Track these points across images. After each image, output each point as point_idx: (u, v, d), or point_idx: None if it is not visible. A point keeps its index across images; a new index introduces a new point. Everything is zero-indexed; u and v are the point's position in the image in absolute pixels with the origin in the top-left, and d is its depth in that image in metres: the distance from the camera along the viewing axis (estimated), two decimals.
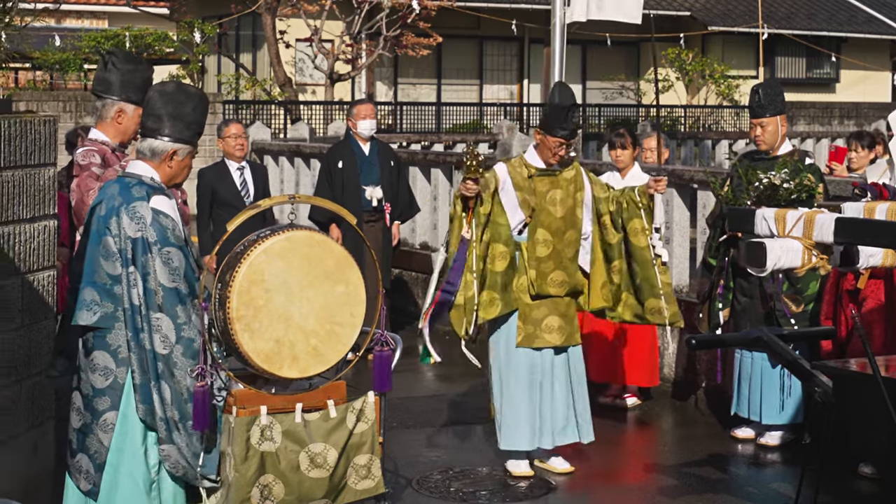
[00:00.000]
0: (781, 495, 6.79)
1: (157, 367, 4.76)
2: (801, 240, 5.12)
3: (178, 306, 4.77)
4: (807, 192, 6.81)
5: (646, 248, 6.74)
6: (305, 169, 14.17)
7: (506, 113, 26.94)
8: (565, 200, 6.83)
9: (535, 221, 6.79)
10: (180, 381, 4.76)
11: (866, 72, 31.86)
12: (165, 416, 4.78)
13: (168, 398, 4.77)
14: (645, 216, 6.72)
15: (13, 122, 5.70)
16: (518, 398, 6.87)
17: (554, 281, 6.80)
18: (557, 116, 6.75)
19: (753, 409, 7.66)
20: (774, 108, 7.50)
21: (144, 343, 4.77)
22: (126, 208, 4.82)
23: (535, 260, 6.78)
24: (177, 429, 4.79)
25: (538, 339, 6.83)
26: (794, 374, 5.44)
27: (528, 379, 6.87)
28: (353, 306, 5.06)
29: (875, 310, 6.98)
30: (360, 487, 5.21)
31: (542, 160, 6.84)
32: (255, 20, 26.76)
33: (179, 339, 4.76)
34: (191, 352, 4.78)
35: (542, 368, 6.89)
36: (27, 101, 18.24)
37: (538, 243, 6.78)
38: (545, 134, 6.77)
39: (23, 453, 5.86)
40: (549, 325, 6.83)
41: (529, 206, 6.77)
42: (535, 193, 6.79)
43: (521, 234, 6.80)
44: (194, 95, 5.04)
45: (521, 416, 6.86)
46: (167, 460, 4.83)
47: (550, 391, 6.91)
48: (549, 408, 6.90)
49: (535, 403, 6.88)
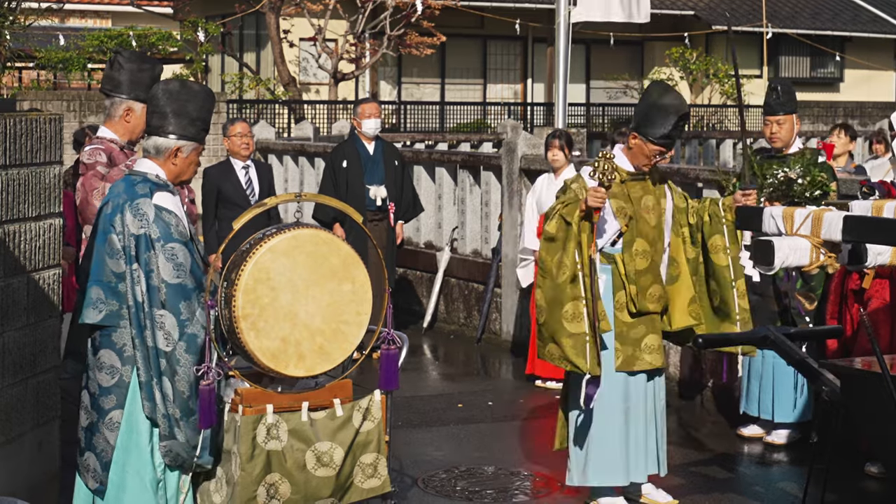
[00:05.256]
0: (788, 494, 6.78)
1: (160, 364, 4.75)
2: (809, 238, 5.10)
3: (182, 302, 4.75)
4: (820, 188, 6.79)
5: (726, 268, 6.14)
6: (310, 168, 14.16)
7: (509, 112, 26.96)
8: (656, 207, 6.23)
9: (631, 231, 6.15)
10: (182, 378, 4.75)
11: (870, 71, 31.84)
12: (167, 413, 4.77)
13: (170, 395, 4.76)
14: (727, 232, 6.15)
15: (18, 121, 5.69)
16: (611, 429, 6.23)
17: (652, 296, 6.16)
18: (662, 121, 6.05)
19: (764, 408, 7.66)
20: (790, 106, 7.56)
21: (147, 340, 4.76)
22: (130, 205, 4.81)
23: (635, 273, 6.13)
24: (178, 425, 4.78)
25: (639, 362, 6.18)
26: (802, 373, 5.42)
27: (622, 407, 6.24)
28: (359, 304, 5.04)
29: (880, 309, 6.96)
30: (367, 486, 5.19)
31: (633, 164, 6.21)
32: (259, 19, 26.78)
33: (182, 335, 4.75)
34: (194, 348, 4.76)
35: (635, 394, 6.27)
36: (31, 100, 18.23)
37: (637, 255, 6.15)
38: (645, 139, 6.11)
39: (28, 452, 5.85)
40: (650, 346, 6.18)
41: (626, 214, 6.14)
42: (630, 200, 6.18)
43: (614, 246, 6.19)
44: (199, 92, 5.02)
45: (616, 449, 6.24)
46: (168, 455, 4.82)
47: (643, 418, 6.30)
48: (643, 436, 6.30)
49: (627, 433, 6.26)
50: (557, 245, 5.99)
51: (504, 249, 10.81)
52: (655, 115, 6.07)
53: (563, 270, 5.96)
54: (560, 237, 5.99)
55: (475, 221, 11.69)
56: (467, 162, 11.92)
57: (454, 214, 11.98)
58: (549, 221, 6.06)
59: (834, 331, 6.61)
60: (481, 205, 11.59)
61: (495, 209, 11.25)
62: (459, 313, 11.59)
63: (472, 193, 11.72)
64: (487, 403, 8.77)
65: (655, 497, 6.49)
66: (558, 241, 5.99)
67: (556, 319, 5.99)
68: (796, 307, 7.38)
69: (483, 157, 12.45)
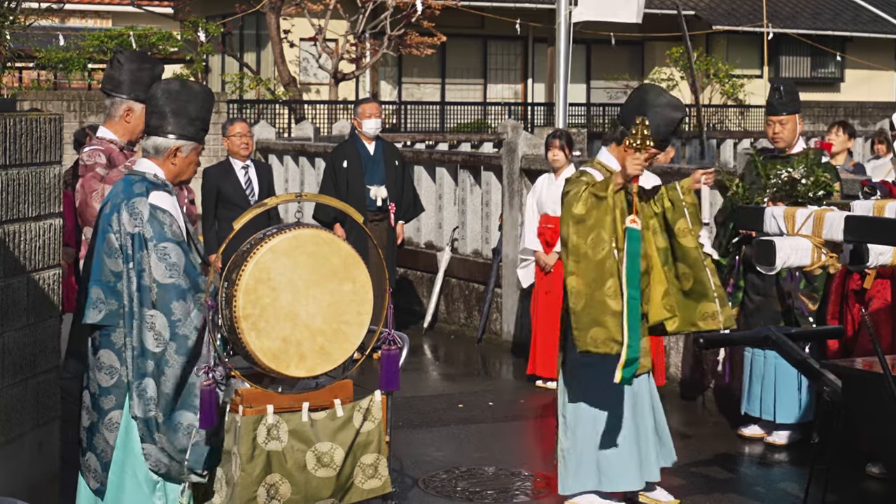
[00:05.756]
0: (789, 495, 6.77)
1: (147, 366, 4.73)
2: (811, 238, 5.09)
3: (175, 302, 4.73)
4: (824, 188, 6.80)
5: (695, 248, 6.10)
6: (310, 168, 14.15)
7: (510, 112, 26.95)
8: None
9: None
10: (169, 380, 4.71)
11: (871, 71, 31.83)
12: (145, 416, 4.75)
13: (153, 396, 4.73)
14: (689, 215, 6.12)
15: (19, 121, 5.68)
16: (624, 433, 6.22)
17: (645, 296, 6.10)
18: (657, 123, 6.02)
19: (766, 408, 7.65)
20: (793, 106, 7.55)
21: (134, 340, 4.74)
22: (126, 204, 4.81)
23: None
24: (157, 428, 4.75)
25: (641, 366, 6.07)
26: (803, 373, 5.42)
27: (631, 412, 6.24)
28: (360, 305, 5.03)
29: (881, 310, 6.96)
30: (367, 487, 5.18)
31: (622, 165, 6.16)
32: (259, 19, 26.77)
33: (174, 336, 4.73)
34: (184, 349, 4.74)
35: (640, 396, 6.27)
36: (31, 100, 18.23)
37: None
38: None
39: (28, 452, 5.84)
40: (645, 349, 6.13)
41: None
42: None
43: None
44: (198, 92, 5.02)
45: (630, 453, 6.23)
46: (148, 459, 4.79)
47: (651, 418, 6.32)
48: (652, 437, 6.32)
49: (636, 436, 6.26)
50: (590, 224, 5.91)
51: (505, 249, 10.81)
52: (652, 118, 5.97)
53: (601, 246, 5.89)
54: (592, 215, 5.92)
55: (476, 221, 11.68)
56: (468, 162, 11.91)
57: (455, 214, 11.97)
58: (576, 204, 5.96)
59: (835, 331, 6.61)
60: (482, 205, 11.58)
61: (496, 209, 11.25)
62: (460, 313, 11.59)
63: (472, 193, 11.72)
64: (488, 404, 8.76)
65: (657, 496, 6.47)
66: (590, 220, 5.91)
67: (598, 300, 5.89)
68: (799, 308, 7.37)
69: (484, 157, 12.45)
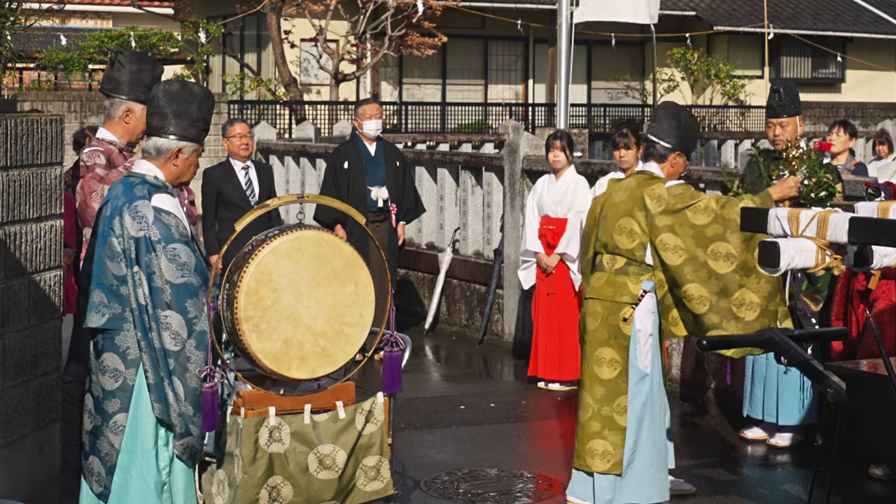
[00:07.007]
0: (793, 497, 6.76)
1: (169, 365, 4.74)
2: (815, 239, 5.07)
3: (189, 300, 4.74)
4: (826, 189, 6.79)
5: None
6: (311, 169, 14.14)
7: (511, 113, 26.94)
8: None
9: None
10: (194, 375, 4.74)
11: (872, 72, 31.83)
12: (181, 412, 4.76)
13: (181, 393, 4.75)
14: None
15: (19, 122, 5.67)
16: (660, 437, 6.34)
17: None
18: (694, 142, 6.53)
19: (768, 411, 7.63)
20: (794, 108, 7.52)
21: (154, 342, 4.74)
22: (128, 208, 4.79)
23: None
24: (192, 422, 4.77)
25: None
26: (806, 374, 5.39)
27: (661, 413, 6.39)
28: (362, 306, 5.01)
29: (886, 310, 6.95)
30: (369, 489, 5.16)
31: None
32: (260, 20, 26.78)
33: (192, 332, 4.74)
34: (204, 344, 4.76)
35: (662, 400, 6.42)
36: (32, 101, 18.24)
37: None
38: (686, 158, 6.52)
39: (29, 454, 5.83)
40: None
41: None
42: None
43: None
44: (199, 93, 5.01)
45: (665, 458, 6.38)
46: (185, 452, 4.82)
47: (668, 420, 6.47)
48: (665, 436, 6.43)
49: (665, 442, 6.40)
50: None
51: (506, 250, 10.79)
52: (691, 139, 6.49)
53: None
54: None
55: (477, 222, 11.67)
56: (469, 163, 11.90)
57: (456, 215, 11.95)
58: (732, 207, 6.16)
59: (839, 332, 6.58)
60: (483, 206, 11.57)
61: (497, 210, 11.23)
62: (461, 314, 11.57)
63: (473, 194, 11.70)
64: (490, 405, 8.75)
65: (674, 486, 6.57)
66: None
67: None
68: (802, 309, 7.35)
69: (485, 157, 12.43)
